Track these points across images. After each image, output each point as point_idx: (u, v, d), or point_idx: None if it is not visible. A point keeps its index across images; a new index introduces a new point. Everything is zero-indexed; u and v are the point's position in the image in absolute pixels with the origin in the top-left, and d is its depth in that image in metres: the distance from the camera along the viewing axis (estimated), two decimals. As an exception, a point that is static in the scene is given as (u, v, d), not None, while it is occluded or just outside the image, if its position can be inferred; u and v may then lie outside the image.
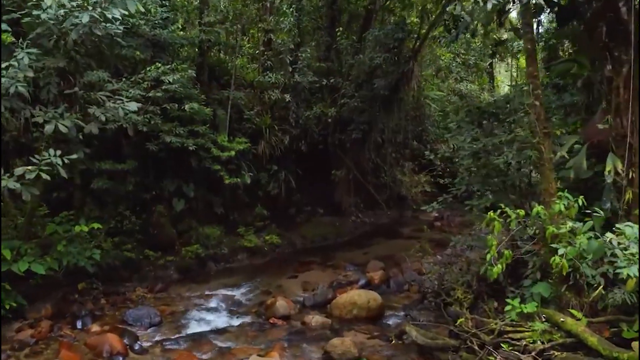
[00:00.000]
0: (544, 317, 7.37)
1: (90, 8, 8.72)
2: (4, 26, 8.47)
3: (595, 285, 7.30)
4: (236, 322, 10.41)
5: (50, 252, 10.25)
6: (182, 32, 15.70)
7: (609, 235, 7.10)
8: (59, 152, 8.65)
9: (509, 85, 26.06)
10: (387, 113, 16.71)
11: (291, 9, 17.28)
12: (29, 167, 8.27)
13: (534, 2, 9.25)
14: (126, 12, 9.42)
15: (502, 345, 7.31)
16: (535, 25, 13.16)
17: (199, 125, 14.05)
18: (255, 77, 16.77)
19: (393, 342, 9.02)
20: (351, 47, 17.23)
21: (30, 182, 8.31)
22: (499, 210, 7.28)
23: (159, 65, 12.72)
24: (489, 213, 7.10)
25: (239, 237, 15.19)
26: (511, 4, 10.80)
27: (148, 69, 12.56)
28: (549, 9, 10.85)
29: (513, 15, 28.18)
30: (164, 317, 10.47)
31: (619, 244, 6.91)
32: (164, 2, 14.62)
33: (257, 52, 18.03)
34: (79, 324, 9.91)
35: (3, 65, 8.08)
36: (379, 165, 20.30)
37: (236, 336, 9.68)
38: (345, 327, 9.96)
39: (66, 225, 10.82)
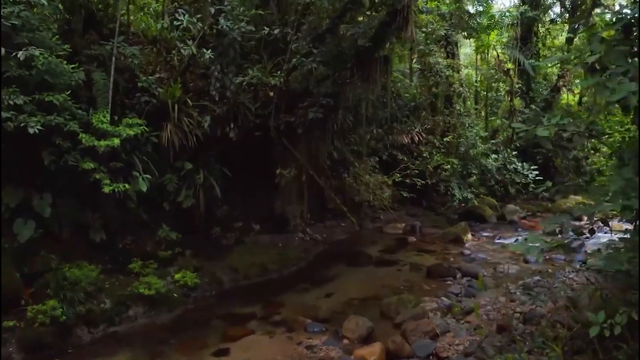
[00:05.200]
0: None
1: None
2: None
3: None
4: None
5: None
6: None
7: None
8: None
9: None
10: (366, 78, 10.97)
11: None
12: None
13: None
14: None
15: None
16: None
17: (57, 93, 8.21)
18: (157, 27, 10.99)
19: None
20: (304, -19, 11.54)
21: None
22: None
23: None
24: None
25: (132, 279, 9.39)
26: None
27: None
28: None
29: None
30: None
31: None
32: None
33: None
34: None
35: None
36: (343, 160, 14.78)
37: None
38: None
39: None
